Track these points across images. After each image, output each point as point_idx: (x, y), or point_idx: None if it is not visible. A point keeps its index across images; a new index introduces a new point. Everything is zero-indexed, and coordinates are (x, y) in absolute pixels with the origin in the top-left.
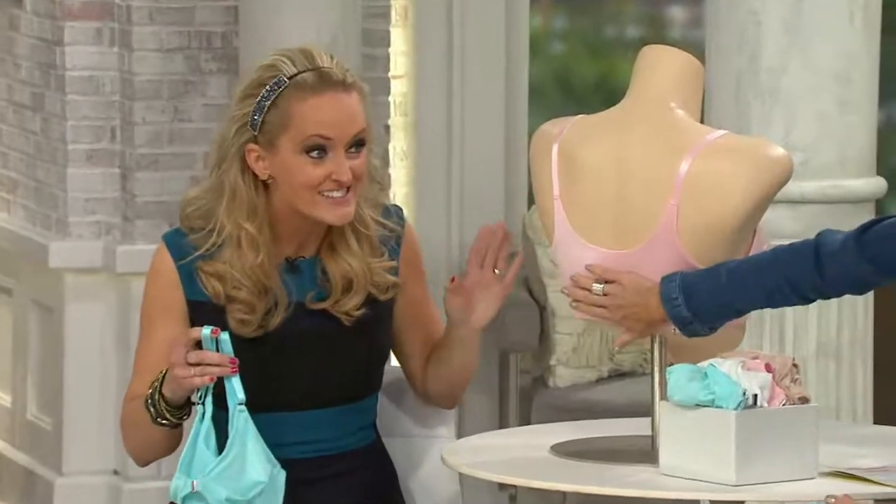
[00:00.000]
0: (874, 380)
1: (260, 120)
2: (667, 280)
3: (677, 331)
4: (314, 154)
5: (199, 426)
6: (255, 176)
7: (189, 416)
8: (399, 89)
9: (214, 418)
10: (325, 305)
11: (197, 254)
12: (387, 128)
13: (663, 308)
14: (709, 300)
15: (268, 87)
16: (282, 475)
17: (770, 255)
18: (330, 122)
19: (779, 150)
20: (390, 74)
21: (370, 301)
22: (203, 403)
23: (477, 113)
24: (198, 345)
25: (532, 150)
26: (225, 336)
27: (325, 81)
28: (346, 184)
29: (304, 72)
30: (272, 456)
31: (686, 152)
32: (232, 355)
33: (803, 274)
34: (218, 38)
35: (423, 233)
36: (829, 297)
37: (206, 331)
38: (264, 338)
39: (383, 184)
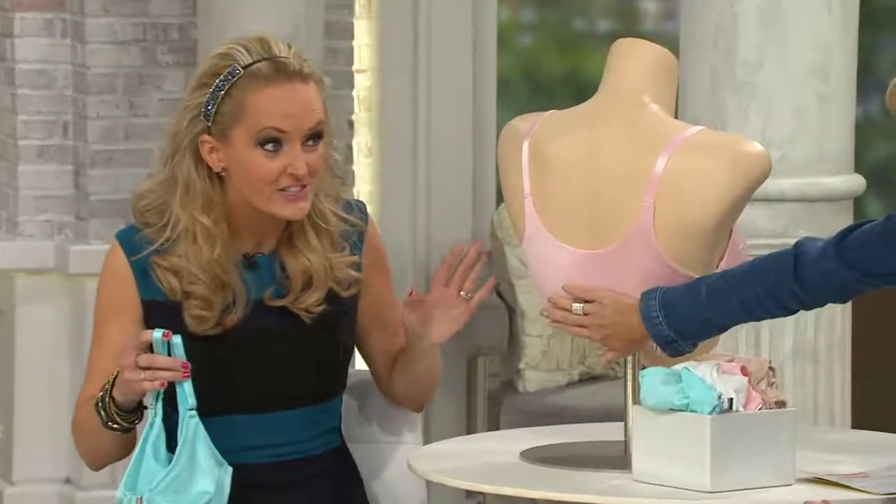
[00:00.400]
0: (852, 383)
1: (213, 110)
2: (646, 297)
3: (659, 349)
4: (269, 147)
5: (149, 433)
6: (209, 168)
7: (141, 420)
8: (363, 83)
9: (169, 420)
10: (284, 302)
11: (151, 248)
12: (350, 123)
13: (644, 326)
14: (690, 317)
15: (222, 77)
16: (228, 474)
17: (748, 267)
18: (285, 115)
19: (757, 147)
20: (354, 68)
21: (332, 297)
22: (155, 408)
23: (443, 108)
24: (150, 348)
25: (501, 146)
26: (177, 340)
27: (281, 72)
28: (301, 178)
29: (259, 61)
30: (220, 456)
31: (662, 149)
32: (184, 359)
33: (783, 283)
34: (175, 29)
35: (388, 231)
36: (810, 307)
37: (157, 334)
38: (222, 337)
39: (344, 178)
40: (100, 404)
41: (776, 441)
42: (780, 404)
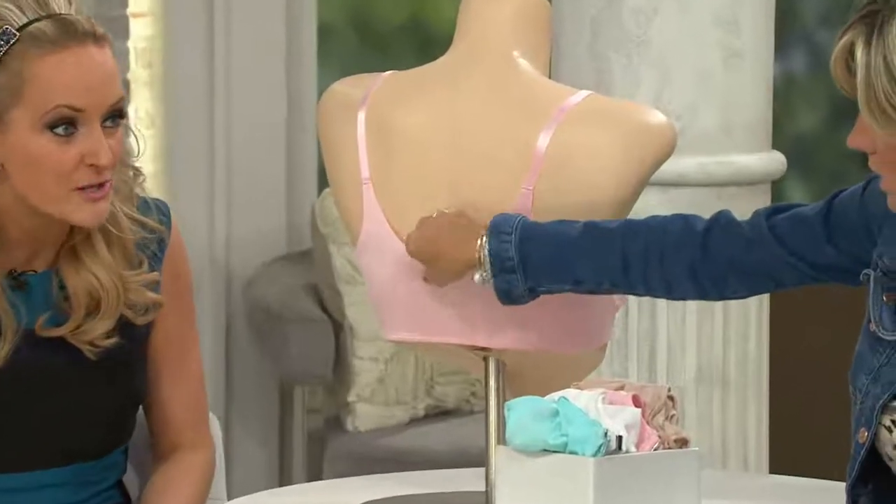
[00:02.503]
0: (770, 416)
1: None
2: (504, 215)
3: (486, 280)
4: (60, 131)
5: None
6: None
7: None
8: (141, 32)
9: None
10: (61, 332)
11: None
12: (125, 83)
13: (486, 238)
14: (548, 250)
15: None
16: None
17: (647, 218)
18: (81, 88)
19: (659, 117)
20: (129, 11)
21: (123, 326)
22: None
23: (247, 65)
24: None
25: (324, 117)
26: None
27: (70, 33)
28: (105, 168)
29: (38, 20)
30: None
31: (544, 119)
32: None
33: (683, 246)
34: None
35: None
36: (704, 289)
37: None
38: None
39: (138, 169)
40: None
41: (676, 488)
42: (682, 443)
